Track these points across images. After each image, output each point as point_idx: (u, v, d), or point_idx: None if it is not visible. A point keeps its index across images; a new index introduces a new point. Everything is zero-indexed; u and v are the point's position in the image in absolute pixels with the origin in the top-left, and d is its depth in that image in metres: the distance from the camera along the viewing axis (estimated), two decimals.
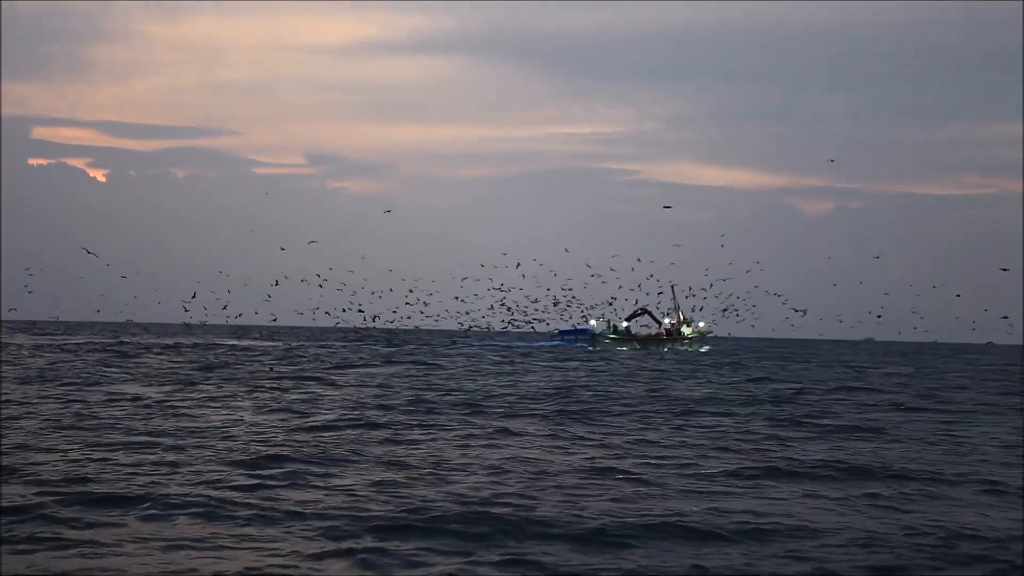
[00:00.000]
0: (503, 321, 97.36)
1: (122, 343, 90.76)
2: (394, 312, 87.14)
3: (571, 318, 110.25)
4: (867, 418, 31.40)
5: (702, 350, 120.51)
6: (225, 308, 76.77)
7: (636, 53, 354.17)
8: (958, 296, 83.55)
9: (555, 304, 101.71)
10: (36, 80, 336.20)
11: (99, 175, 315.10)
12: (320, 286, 77.15)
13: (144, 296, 76.91)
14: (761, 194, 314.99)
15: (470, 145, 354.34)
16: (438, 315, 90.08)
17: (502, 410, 31.42)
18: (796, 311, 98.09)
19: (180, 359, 61.60)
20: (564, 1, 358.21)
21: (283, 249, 74.33)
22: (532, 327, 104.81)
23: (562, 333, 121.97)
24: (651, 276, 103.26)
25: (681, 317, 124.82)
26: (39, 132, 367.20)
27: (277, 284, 74.09)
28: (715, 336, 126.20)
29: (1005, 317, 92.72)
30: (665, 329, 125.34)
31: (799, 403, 36.81)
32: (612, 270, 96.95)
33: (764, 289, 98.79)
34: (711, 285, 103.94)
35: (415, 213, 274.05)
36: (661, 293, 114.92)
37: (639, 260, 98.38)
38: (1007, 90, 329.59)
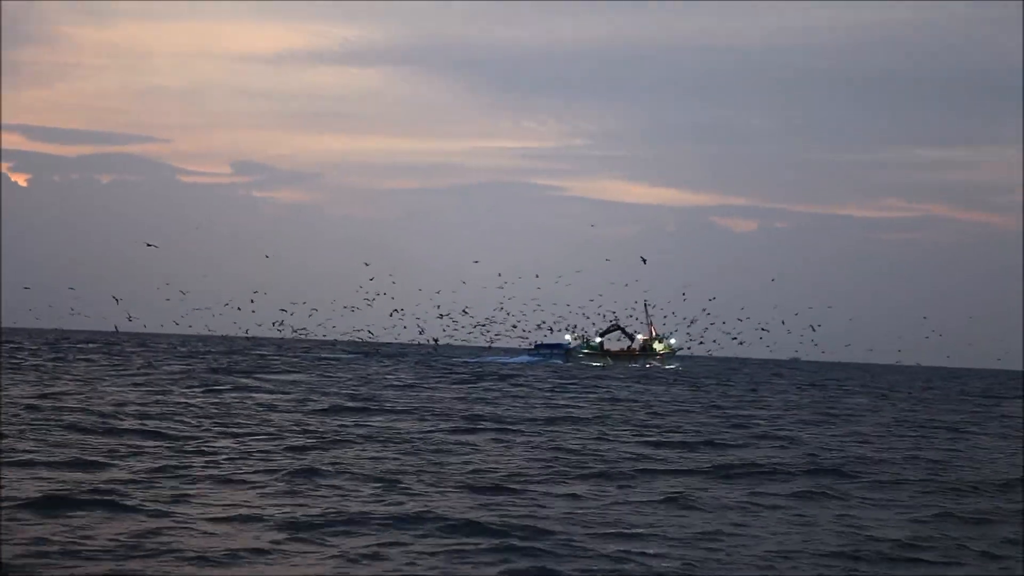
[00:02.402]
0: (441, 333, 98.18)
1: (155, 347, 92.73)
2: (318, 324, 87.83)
3: (496, 336, 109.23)
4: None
5: (670, 367, 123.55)
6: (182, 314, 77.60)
7: (566, 69, 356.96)
8: (853, 317, 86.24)
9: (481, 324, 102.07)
10: None
11: (21, 180, 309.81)
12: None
13: (63, 301, 77.19)
14: (687, 212, 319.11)
15: (398, 156, 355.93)
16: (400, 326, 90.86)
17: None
18: (764, 330, 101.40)
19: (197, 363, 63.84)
20: (495, 16, 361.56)
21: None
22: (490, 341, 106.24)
23: (538, 347, 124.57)
24: (594, 300, 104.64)
25: (653, 333, 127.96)
26: None
27: (179, 294, 74.39)
28: (691, 353, 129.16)
29: (927, 336, 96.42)
30: (638, 345, 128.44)
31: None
32: (538, 288, 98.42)
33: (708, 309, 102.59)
34: (684, 294, 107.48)
35: (341, 223, 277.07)
36: (594, 302, 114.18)
37: (560, 277, 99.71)
38: (932, 116, 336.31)
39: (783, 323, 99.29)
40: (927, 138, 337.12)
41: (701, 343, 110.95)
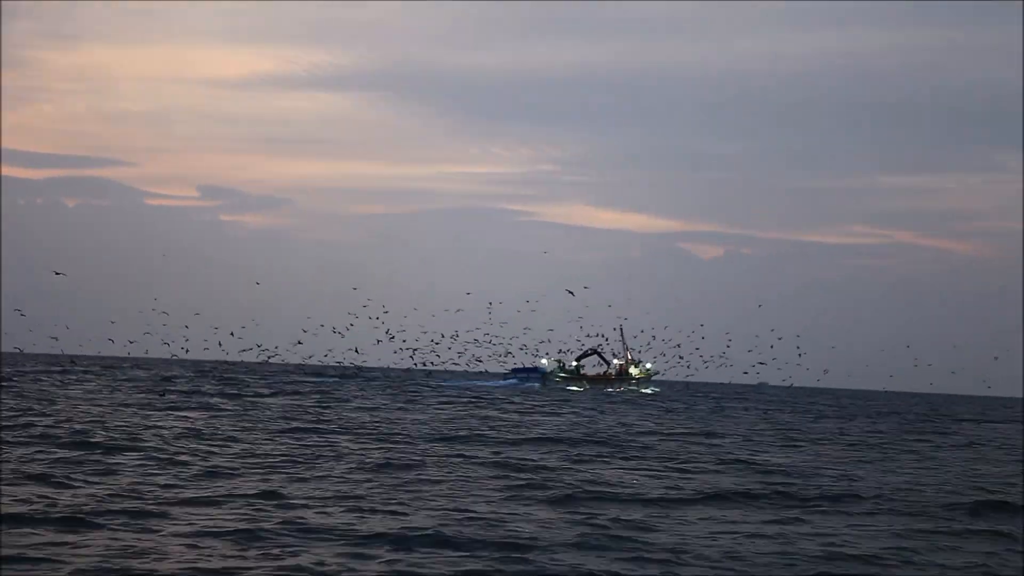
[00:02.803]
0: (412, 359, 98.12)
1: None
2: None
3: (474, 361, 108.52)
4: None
5: (647, 391, 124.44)
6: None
7: (534, 95, 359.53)
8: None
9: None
10: None
11: None
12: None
13: (29, 326, 76.69)
14: (654, 238, 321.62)
15: (366, 181, 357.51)
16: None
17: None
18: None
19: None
20: (462, 41, 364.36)
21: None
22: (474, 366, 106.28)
23: (514, 372, 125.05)
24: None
25: (629, 358, 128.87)
26: None
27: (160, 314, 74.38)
28: (664, 378, 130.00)
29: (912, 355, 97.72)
30: (614, 369, 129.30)
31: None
32: (518, 311, 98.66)
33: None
34: (665, 328, 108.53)
35: (309, 247, 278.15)
36: (573, 323, 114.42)
37: (527, 301, 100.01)
38: (898, 144, 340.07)
39: (749, 351, 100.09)
40: (893, 165, 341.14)
41: (681, 365, 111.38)
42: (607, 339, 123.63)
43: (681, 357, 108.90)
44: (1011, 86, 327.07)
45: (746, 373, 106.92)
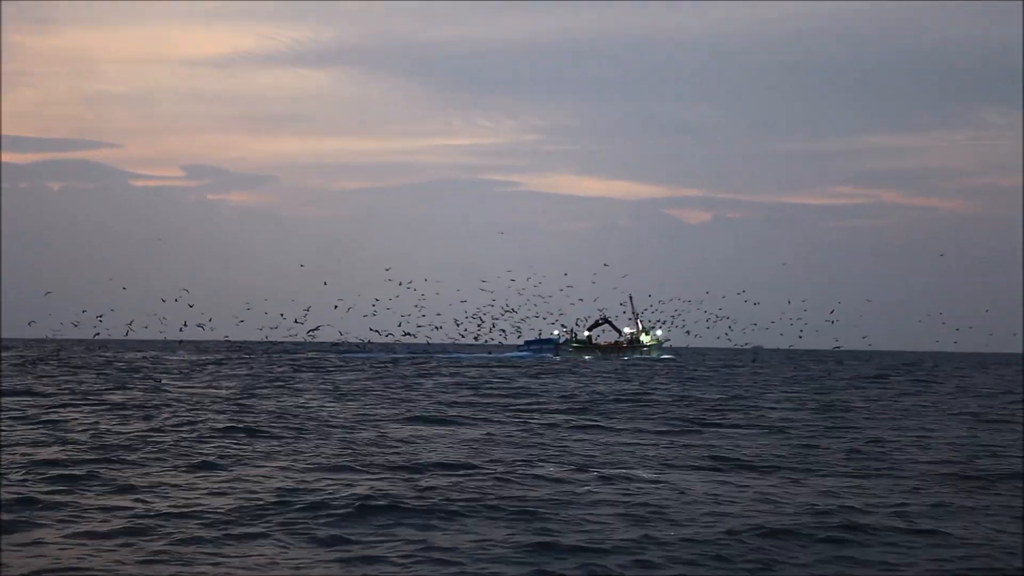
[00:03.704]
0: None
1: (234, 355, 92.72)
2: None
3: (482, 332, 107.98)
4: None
5: (662, 357, 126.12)
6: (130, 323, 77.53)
7: (515, 65, 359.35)
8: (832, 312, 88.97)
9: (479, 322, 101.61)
10: None
11: None
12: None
13: (14, 311, 76.72)
14: (641, 204, 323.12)
15: (351, 157, 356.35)
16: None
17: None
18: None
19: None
20: (443, 14, 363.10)
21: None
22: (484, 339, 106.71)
23: (528, 344, 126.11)
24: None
25: (640, 326, 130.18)
26: None
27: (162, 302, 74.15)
28: (686, 345, 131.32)
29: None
30: (626, 338, 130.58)
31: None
32: (513, 281, 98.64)
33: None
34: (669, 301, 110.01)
35: (297, 224, 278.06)
36: (583, 301, 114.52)
37: (529, 277, 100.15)
38: (880, 103, 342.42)
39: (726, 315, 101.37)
40: (876, 125, 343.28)
41: (683, 330, 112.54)
42: (604, 309, 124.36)
43: (687, 326, 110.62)
44: (991, 43, 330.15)
45: (746, 344, 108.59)
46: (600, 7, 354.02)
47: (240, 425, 27.55)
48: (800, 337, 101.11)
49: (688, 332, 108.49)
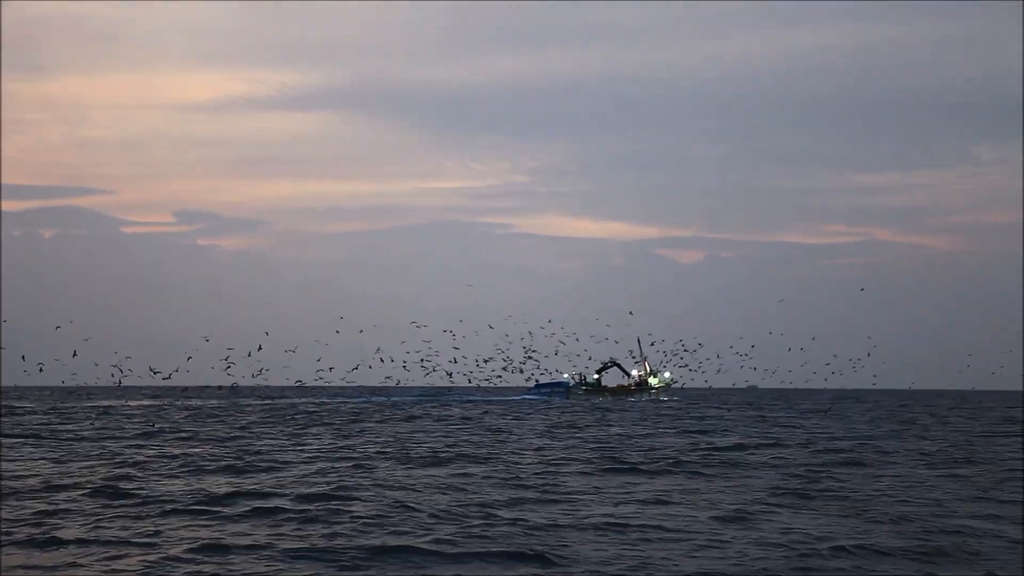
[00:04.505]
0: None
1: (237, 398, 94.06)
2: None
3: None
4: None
5: (664, 399, 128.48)
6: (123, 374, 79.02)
7: (505, 107, 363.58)
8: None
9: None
10: None
11: None
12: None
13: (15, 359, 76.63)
14: (633, 245, 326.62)
15: (343, 200, 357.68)
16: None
17: None
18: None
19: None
20: (433, 56, 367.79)
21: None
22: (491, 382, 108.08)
23: (538, 386, 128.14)
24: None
25: (648, 368, 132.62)
26: None
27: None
28: (683, 386, 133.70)
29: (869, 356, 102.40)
30: (634, 380, 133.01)
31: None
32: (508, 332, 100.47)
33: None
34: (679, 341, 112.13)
35: (288, 267, 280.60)
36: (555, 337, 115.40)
37: (549, 321, 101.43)
38: (870, 141, 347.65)
39: (743, 353, 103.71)
40: (866, 163, 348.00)
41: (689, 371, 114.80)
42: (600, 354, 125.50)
43: (690, 365, 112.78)
44: (982, 81, 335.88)
45: (746, 381, 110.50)
46: (590, 48, 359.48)
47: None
48: (792, 371, 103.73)
49: (703, 372, 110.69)
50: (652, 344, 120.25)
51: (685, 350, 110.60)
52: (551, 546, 17.88)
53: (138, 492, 24.55)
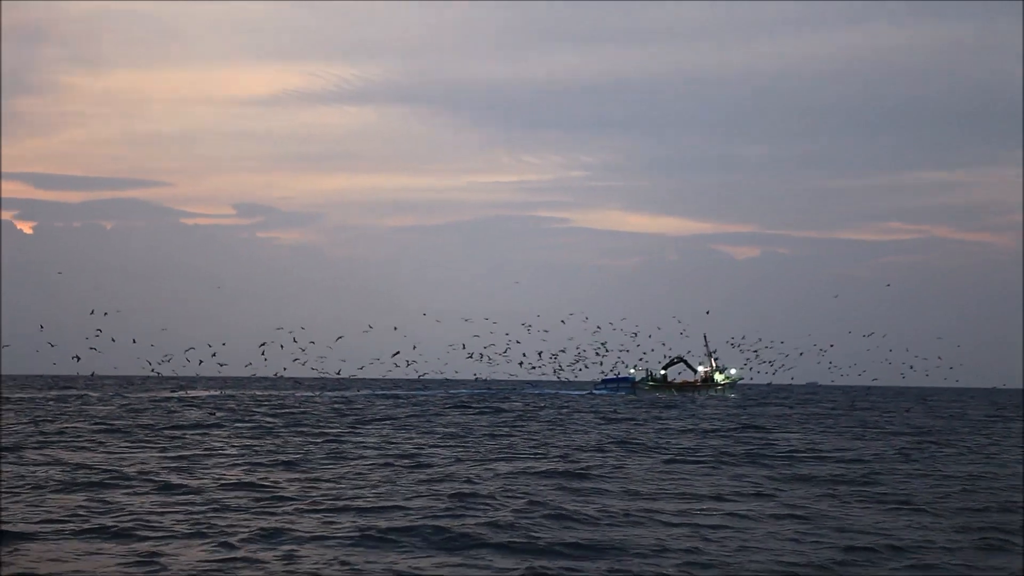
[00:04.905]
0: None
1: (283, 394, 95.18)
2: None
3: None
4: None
5: (731, 396, 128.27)
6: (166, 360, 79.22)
7: (562, 102, 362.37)
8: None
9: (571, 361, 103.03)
10: None
11: (26, 227, 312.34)
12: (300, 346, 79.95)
13: (77, 350, 76.98)
14: (689, 240, 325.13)
15: (398, 194, 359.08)
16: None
17: None
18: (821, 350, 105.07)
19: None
20: (489, 51, 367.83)
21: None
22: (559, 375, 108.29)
23: (605, 382, 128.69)
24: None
25: (714, 364, 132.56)
26: None
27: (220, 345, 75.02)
28: (751, 381, 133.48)
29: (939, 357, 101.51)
30: (700, 376, 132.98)
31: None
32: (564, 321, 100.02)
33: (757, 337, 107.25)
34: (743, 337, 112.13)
35: (344, 262, 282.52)
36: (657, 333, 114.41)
37: (586, 318, 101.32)
38: (929, 138, 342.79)
39: (800, 352, 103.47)
40: (925, 161, 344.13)
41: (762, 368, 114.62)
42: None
43: (768, 360, 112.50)
44: None
45: (815, 378, 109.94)
46: (646, 45, 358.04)
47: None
48: (860, 375, 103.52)
49: (772, 370, 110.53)
50: (726, 343, 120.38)
51: (754, 350, 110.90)
52: None
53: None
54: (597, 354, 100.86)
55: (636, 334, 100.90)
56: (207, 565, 15.92)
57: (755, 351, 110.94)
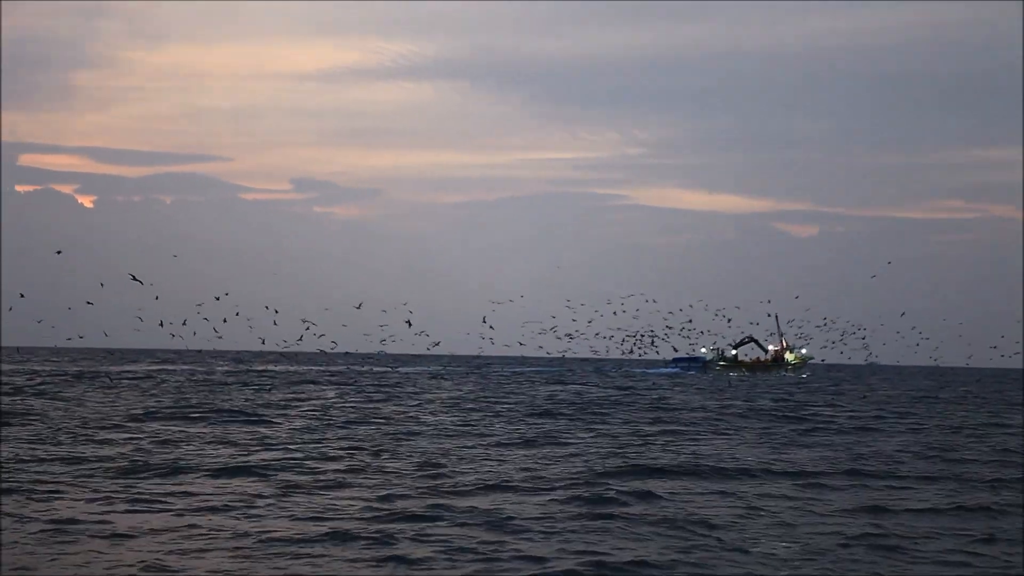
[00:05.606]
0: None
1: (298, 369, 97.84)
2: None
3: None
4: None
5: (803, 375, 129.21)
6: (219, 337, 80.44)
7: (619, 79, 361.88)
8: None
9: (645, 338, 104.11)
10: (21, 107, 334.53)
11: (87, 201, 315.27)
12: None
13: (133, 322, 77.21)
14: (746, 218, 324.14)
15: (453, 170, 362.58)
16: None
17: None
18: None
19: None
20: (546, 27, 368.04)
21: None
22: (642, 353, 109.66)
23: (676, 360, 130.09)
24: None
25: (784, 344, 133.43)
26: (26, 159, 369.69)
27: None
28: (824, 362, 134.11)
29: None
30: (770, 356, 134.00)
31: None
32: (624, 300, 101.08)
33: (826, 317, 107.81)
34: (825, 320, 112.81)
35: (399, 236, 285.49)
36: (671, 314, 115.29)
37: (649, 300, 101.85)
38: (989, 115, 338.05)
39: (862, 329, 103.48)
40: (985, 138, 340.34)
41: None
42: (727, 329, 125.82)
43: (841, 339, 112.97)
44: None
45: (871, 354, 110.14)
46: (702, 21, 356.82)
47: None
48: (915, 353, 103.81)
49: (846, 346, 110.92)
50: (791, 321, 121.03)
51: (818, 327, 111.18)
52: None
53: None
54: (670, 333, 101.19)
55: (721, 312, 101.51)
56: None
57: (840, 334, 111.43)
